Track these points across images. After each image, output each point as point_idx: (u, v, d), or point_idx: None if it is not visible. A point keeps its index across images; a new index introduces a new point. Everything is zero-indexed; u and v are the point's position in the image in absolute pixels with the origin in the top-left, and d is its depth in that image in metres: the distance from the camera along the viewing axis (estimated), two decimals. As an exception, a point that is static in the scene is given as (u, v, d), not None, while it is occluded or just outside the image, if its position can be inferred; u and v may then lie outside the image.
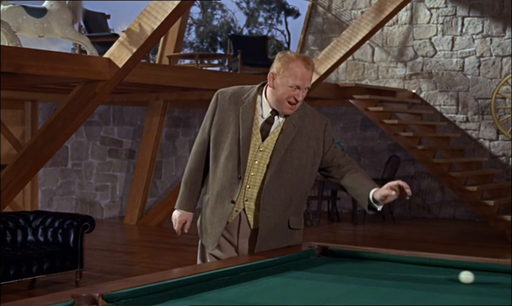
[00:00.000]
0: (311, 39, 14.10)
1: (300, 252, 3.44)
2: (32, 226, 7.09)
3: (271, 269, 3.12)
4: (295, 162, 3.35)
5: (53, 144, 8.12)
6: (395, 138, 11.28)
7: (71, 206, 11.94)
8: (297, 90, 3.27)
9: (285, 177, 3.34)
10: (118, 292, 2.50)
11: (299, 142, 3.36)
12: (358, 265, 3.29)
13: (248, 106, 3.37)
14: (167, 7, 7.00)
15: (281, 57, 3.34)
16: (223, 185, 3.37)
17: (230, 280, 2.87)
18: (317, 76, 10.29)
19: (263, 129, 3.36)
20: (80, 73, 7.31)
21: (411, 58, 12.96)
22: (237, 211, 3.38)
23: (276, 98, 3.32)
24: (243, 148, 3.32)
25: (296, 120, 3.37)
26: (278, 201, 3.35)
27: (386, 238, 10.76)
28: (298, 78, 3.26)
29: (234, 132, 3.34)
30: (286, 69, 3.27)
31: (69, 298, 2.40)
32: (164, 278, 2.71)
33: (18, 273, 6.40)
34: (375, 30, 10.21)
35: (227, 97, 3.41)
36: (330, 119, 3.69)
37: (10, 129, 11.18)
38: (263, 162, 3.34)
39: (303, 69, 3.27)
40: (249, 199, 3.36)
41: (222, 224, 3.38)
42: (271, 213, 3.36)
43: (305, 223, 11.61)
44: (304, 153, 3.37)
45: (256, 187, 3.35)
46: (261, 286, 2.83)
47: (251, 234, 3.41)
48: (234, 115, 3.36)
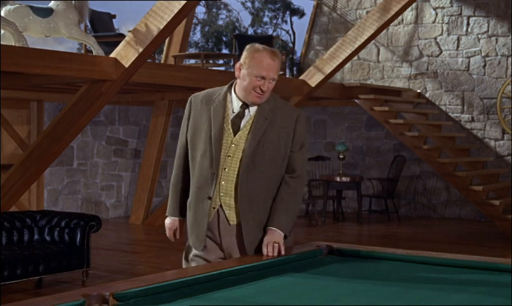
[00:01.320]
0: (316, 38, 14.10)
1: (308, 252, 3.44)
2: (39, 226, 7.11)
3: (278, 269, 3.13)
4: (267, 154, 3.36)
5: (59, 144, 8.13)
6: (401, 137, 11.28)
7: (77, 205, 11.96)
8: (262, 81, 3.30)
9: (259, 170, 3.36)
10: (128, 291, 2.52)
11: (271, 134, 3.37)
12: (365, 264, 3.29)
13: (218, 104, 3.41)
14: (174, 7, 7.02)
15: (248, 48, 3.39)
16: (201, 183, 3.41)
17: (238, 280, 2.88)
18: (322, 75, 10.31)
19: (234, 123, 3.40)
20: (86, 73, 7.33)
21: (416, 58, 12.96)
22: (215, 208, 3.39)
23: (242, 88, 3.35)
24: (215, 144, 3.36)
25: (267, 113, 3.39)
26: (254, 194, 3.36)
27: (392, 238, 10.76)
28: (263, 69, 3.29)
29: (207, 130, 3.40)
30: (252, 59, 3.32)
31: (79, 297, 2.41)
32: (173, 278, 2.73)
33: (25, 273, 6.42)
34: (380, 30, 10.22)
35: (199, 99, 3.48)
36: (335, 119, 3.71)
37: (16, 129, 11.21)
38: (237, 156, 3.37)
39: (268, 60, 3.30)
40: (225, 194, 3.38)
41: (204, 223, 3.40)
42: (249, 206, 3.36)
43: (311, 223, 11.72)
44: (275, 145, 3.38)
45: (231, 181, 3.37)
46: (269, 285, 2.84)
47: (237, 232, 3.40)
48: (207, 114, 3.42)
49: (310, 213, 12.00)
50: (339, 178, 11.81)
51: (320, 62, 10.58)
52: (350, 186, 12.00)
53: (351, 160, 13.40)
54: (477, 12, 12.43)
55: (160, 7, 7.16)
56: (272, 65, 3.31)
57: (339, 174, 11.94)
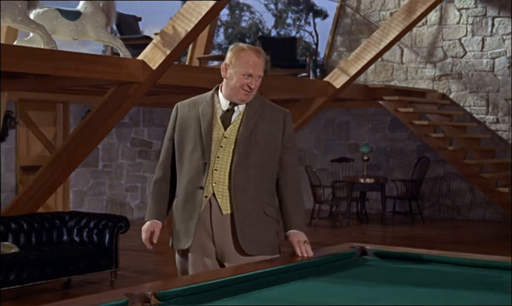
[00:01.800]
0: (339, 40, 14.10)
1: (343, 253, 3.46)
2: (68, 226, 7.18)
3: (314, 270, 3.15)
4: (260, 145, 3.40)
5: (87, 146, 8.20)
6: (425, 139, 11.25)
7: (102, 206, 12.05)
8: (250, 78, 3.35)
9: (252, 159, 3.38)
10: (171, 290, 2.55)
11: (262, 127, 3.42)
12: (400, 266, 3.30)
13: (206, 104, 3.46)
14: (201, 10, 7.05)
15: (233, 48, 3.45)
16: (191, 176, 3.40)
17: (276, 280, 2.91)
18: (347, 77, 10.31)
19: (224, 119, 3.43)
20: (114, 75, 7.39)
21: (441, 59, 12.91)
22: (207, 197, 3.37)
23: (230, 88, 3.40)
24: (206, 137, 3.38)
25: (256, 108, 3.44)
26: (248, 183, 3.37)
27: (416, 239, 10.73)
28: (250, 67, 3.34)
29: (196, 128, 3.42)
30: (238, 58, 3.37)
31: (123, 296, 2.45)
32: (213, 278, 2.76)
33: (55, 273, 6.48)
34: (405, 31, 10.20)
35: (185, 104, 3.52)
36: (359, 120, 3.73)
37: (42, 130, 11.32)
38: (229, 146, 3.39)
39: (254, 58, 3.36)
40: (218, 183, 3.37)
41: (195, 215, 3.36)
42: (243, 196, 3.36)
43: (335, 224, 11.71)
44: (267, 137, 3.42)
45: (224, 169, 3.38)
46: (308, 286, 2.86)
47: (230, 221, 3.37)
48: (194, 115, 3.45)
49: (334, 215, 11.99)
50: (363, 179, 11.80)
51: (345, 64, 10.58)
52: (374, 187, 11.98)
53: (375, 161, 13.38)
54: (502, 13, 12.37)
55: (188, 9, 7.20)
56: (258, 63, 3.37)
57: (363, 176, 11.93)
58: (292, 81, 10.60)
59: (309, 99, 10.65)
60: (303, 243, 3.41)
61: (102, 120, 7.91)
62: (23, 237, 6.80)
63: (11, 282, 6.12)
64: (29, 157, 11.13)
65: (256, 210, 3.39)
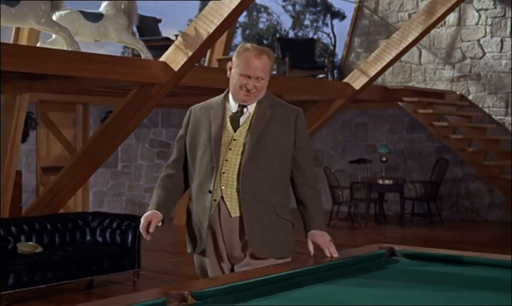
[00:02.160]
0: (357, 41, 14.10)
1: (372, 254, 3.47)
2: (91, 227, 7.23)
3: (344, 271, 3.16)
4: (270, 146, 3.34)
5: (108, 147, 8.27)
6: (445, 140, 11.23)
7: (121, 207, 12.11)
8: (248, 80, 3.30)
9: (262, 161, 3.33)
10: (207, 290, 2.58)
11: (272, 128, 3.37)
12: (430, 267, 3.31)
13: (217, 107, 3.42)
14: (223, 11, 7.09)
15: (238, 48, 3.40)
16: (201, 181, 3.37)
17: (308, 280, 2.93)
18: (367, 78, 10.31)
19: (233, 121, 3.39)
20: (136, 77, 7.44)
21: (459, 60, 12.88)
22: (216, 200, 3.33)
23: (232, 88, 3.37)
24: (215, 141, 3.35)
25: (267, 108, 3.40)
26: (257, 186, 3.32)
27: (435, 241, 10.70)
28: (248, 68, 3.30)
29: (207, 131, 3.39)
30: (239, 58, 3.33)
31: (161, 296, 2.48)
32: (249, 277, 2.78)
33: (80, 273, 6.53)
34: (425, 32, 10.19)
35: (198, 108, 3.49)
36: (376, 121, 3.71)
37: (62, 132, 11.40)
38: (238, 149, 3.34)
39: (253, 59, 3.30)
40: (226, 186, 3.33)
41: (205, 219, 3.34)
42: (252, 198, 3.31)
43: (353, 225, 11.71)
44: (277, 139, 3.37)
45: (232, 172, 3.33)
46: (338, 287, 2.88)
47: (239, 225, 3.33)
48: (206, 119, 3.42)
49: (352, 216, 11.99)
50: (381, 180, 11.79)
51: (364, 65, 10.59)
52: (393, 189, 11.96)
53: (393, 163, 13.36)
54: (521, 14, 12.33)
55: (210, 11, 7.24)
56: (257, 64, 3.30)
57: (381, 177, 11.92)
58: (311, 83, 10.62)
59: (328, 100, 10.67)
60: (329, 242, 3.40)
61: (123, 122, 7.96)
62: (46, 237, 6.86)
63: (36, 281, 6.17)
64: (49, 158, 11.22)
65: (267, 212, 3.34)
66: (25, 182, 10.53)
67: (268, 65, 3.35)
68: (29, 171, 10.77)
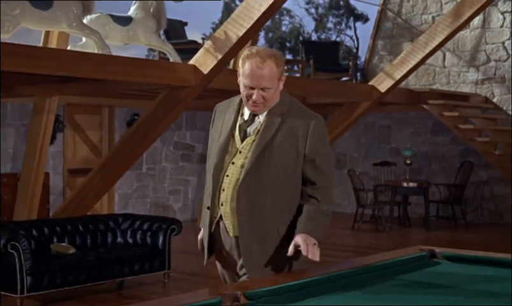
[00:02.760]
0: (380, 44, 14.09)
1: (413, 256, 3.50)
2: (121, 228, 7.30)
3: (388, 272, 3.19)
4: (274, 162, 3.05)
5: (137, 150, 8.34)
6: (471, 143, 11.20)
7: (146, 209, 12.19)
8: (252, 91, 3.03)
9: (262, 178, 3.04)
10: (259, 290, 2.62)
11: (279, 140, 3.06)
12: (472, 269, 3.32)
13: (232, 110, 3.18)
14: (253, 15, 7.13)
15: (242, 54, 3.10)
16: (208, 193, 3.19)
17: (355, 281, 2.95)
18: (392, 81, 10.32)
19: (241, 129, 3.13)
20: (166, 80, 7.50)
21: (484, 63, 12.84)
22: (215, 218, 3.14)
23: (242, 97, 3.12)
24: (219, 152, 3.13)
25: (277, 117, 3.10)
26: (257, 204, 3.05)
27: (460, 244, 10.66)
28: (250, 78, 3.01)
29: (218, 139, 3.17)
30: (242, 67, 3.06)
31: (215, 296, 2.52)
32: (299, 278, 2.82)
33: (112, 274, 6.60)
34: (452, 35, 10.18)
35: (220, 107, 3.29)
36: (400, 124, 3.59)
37: (88, 134, 11.49)
38: (240, 163, 3.09)
39: (255, 69, 2.99)
40: (225, 203, 3.10)
41: (206, 234, 3.19)
42: (248, 218, 3.05)
43: (377, 228, 11.71)
44: (284, 152, 3.06)
45: (231, 189, 3.08)
46: (387, 288, 2.91)
47: (232, 243, 3.14)
48: (221, 123, 3.20)
49: (376, 218, 11.99)
50: (406, 183, 11.79)
51: (390, 68, 10.59)
52: (417, 191, 11.95)
53: (416, 165, 13.34)
54: (546, 16, 12.28)
55: (240, 14, 7.28)
56: (261, 74, 3.00)
57: (406, 180, 11.92)
58: (337, 86, 10.65)
59: (353, 103, 10.68)
60: (312, 244, 3.01)
61: (152, 125, 8.02)
62: (78, 238, 6.93)
63: (69, 282, 6.25)
64: (75, 160, 11.31)
65: (269, 234, 3.08)
66: (52, 184, 10.63)
67: (275, 71, 3.03)
68: (56, 173, 10.87)
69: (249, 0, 7.19)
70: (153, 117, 8.04)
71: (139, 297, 6.98)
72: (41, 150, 8.91)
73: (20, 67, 6.67)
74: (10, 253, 5.88)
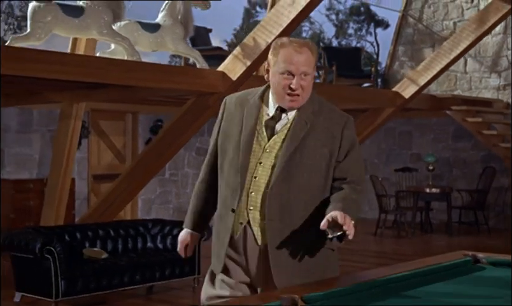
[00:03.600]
0: (401, 50, 14.11)
1: (459, 261, 3.52)
2: (151, 234, 7.35)
3: (436, 277, 3.21)
4: (306, 163, 2.88)
5: (164, 156, 8.39)
6: (494, 148, 11.19)
7: (169, 214, 12.25)
8: (291, 77, 2.85)
9: (295, 181, 2.87)
10: (316, 294, 2.65)
11: (312, 141, 2.90)
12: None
13: (253, 104, 2.98)
14: (282, 21, 7.18)
15: (273, 45, 2.96)
16: (226, 195, 2.95)
17: (409, 285, 2.98)
18: (416, 87, 10.34)
19: (268, 126, 2.93)
20: (195, 86, 7.56)
21: (505, 69, 12.83)
22: (242, 224, 2.91)
23: (274, 92, 2.92)
24: (244, 149, 2.91)
25: (308, 116, 2.92)
26: (288, 209, 2.87)
27: (483, 250, 10.64)
28: (289, 62, 2.85)
29: (237, 134, 2.95)
30: (276, 55, 2.89)
31: (275, 299, 2.56)
32: (355, 281, 2.85)
33: (143, 278, 6.66)
34: (476, 41, 10.20)
35: (233, 100, 3.06)
36: (421, 130, 3.53)
37: (112, 140, 11.58)
38: (269, 163, 2.89)
39: (293, 52, 2.85)
40: (255, 208, 2.89)
41: (225, 240, 2.94)
42: (281, 225, 2.86)
43: (400, 234, 11.70)
44: (317, 153, 2.90)
45: (261, 192, 2.88)
46: (437, 291, 2.94)
47: (261, 253, 2.91)
48: (239, 116, 2.98)
49: (399, 224, 11.98)
50: (428, 189, 11.79)
51: (414, 74, 10.62)
52: (439, 197, 11.95)
53: (438, 171, 13.33)
54: None
55: (269, 21, 7.33)
56: (300, 57, 2.85)
57: (428, 186, 11.91)
58: (361, 92, 10.68)
59: (377, 109, 10.71)
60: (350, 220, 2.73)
61: (180, 131, 8.08)
62: (110, 243, 6.99)
63: (102, 286, 6.30)
64: (100, 166, 11.40)
65: (301, 242, 2.89)
66: (77, 189, 10.71)
67: (312, 58, 2.89)
68: (81, 178, 10.96)
69: (279, 7, 7.25)
70: (180, 124, 8.10)
71: (168, 302, 7.04)
72: (68, 156, 9.00)
73: (50, 74, 6.74)
74: (45, 258, 5.95)
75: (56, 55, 6.82)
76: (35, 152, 10.32)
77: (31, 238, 6.05)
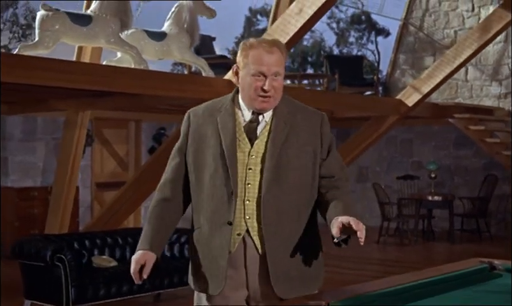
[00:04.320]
0: (402, 58, 14.17)
1: (475, 268, 3.55)
2: (159, 241, 7.35)
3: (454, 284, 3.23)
4: (293, 162, 2.82)
5: (170, 164, 8.38)
6: (497, 156, 11.24)
7: (171, 222, 12.24)
8: (263, 78, 2.77)
9: (285, 183, 2.81)
10: (343, 300, 2.68)
11: (294, 139, 2.84)
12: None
13: (225, 113, 2.87)
14: (289, 30, 7.20)
15: (241, 46, 2.86)
16: (215, 208, 2.80)
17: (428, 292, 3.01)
18: (420, 95, 10.38)
19: (249, 131, 2.85)
20: (202, 94, 7.55)
21: (506, 77, 12.89)
22: (240, 235, 2.80)
23: (245, 94, 2.83)
24: (229, 157, 2.80)
25: (286, 116, 2.87)
26: (283, 212, 2.80)
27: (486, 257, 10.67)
28: (260, 64, 2.77)
29: (215, 145, 2.83)
30: (246, 56, 2.80)
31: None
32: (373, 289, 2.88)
33: (152, 286, 6.66)
34: (480, 49, 10.26)
35: (199, 112, 2.93)
36: (422, 138, 3.54)
37: (115, 148, 11.59)
38: (258, 168, 2.81)
39: (264, 53, 2.78)
40: (251, 216, 2.80)
41: (224, 255, 2.79)
42: (278, 228, 2.80)
43: (402, 241, 11.73)
44: (301, 152, 2.84)
45: (255, 199, 2.80)
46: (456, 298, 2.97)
47: (260, 262, 2.82)
48: (212, 127, 2.86)
49: (401, 232, 12.01)
50: (430, 197, 11.82)
51: (417, 82, 10.66)
52: (441, 205, 11.98)
53: (439, 179, 13.35)
54: None
55: (276, 30, 7.36)
56: (270, 58, 2.77)
57: (430, 193, 11.95)
58: (364, 100, 10.73)
59: (380, 117, 10.74)
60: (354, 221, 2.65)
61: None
62: (118, 251, 7.00)
63: (112, 294, 6.31)
64: (103, 174, 11.42)
65: (294, 244, 2.83)
66: (80, 197, 10.73)
67: (282, 58, 2.82)
68: (85, 186, 10.97)
69: (286, 16, 7.28)
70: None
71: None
72: (73, 164, 9.00)
73: (58, 82, 6.76)
74: (56, 265, 5.96)
75: (64, 64, 6.85)
76: (39, 159, 10.34)
77: (41, 246, 6.06)
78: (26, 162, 10.18)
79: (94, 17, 7.39)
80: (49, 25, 7.09)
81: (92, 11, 7.48)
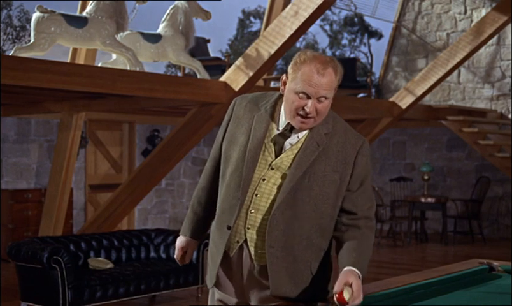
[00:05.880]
0: (394, 60, 14.22)
1: (475, 269, 3.58)
2: (154, 243, 7.37)
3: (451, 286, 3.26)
4: (314, 189, 2.63)
5: (165, 166, 8.41)
6: (490, 158, 11.30)
7: (165, 224, 12.26)
8: (307, 100, 2.58)
9: (300, 207, 2.63)
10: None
11: (322, 165, 2.64)
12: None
13: (264, 113, 2.72)
14: (285, 32, 7.24)
15: (295, 57, 2.65)
16: (224, 208, 2.73)
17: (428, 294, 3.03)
18: (413, 97, 10.43)
19: (277, 142, 2.69)
20: (198, 96, 7.60)
21: (498, 79, 12.96)
22: (238, 242, 2.70)
23: (286, 108, 2.65)
24: (248, 162, 2.67)
25: (321, 138, 2.67)
26: (291, 237, 2.64)
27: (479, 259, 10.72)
28: (308, 84, 2.56)
29: (243, 143, 2.71)
30: (297, 71, 2.59)
31: None
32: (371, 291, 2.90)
33: (148, 288, 6.66)
34: (473, 52, 10.31)
35: (243, 103, 2.80)
36: (415, 140, 3.42)
37: (109, 150, 11.58)
38: (273, 182, 2.66)
39: (315, 73, 2.56)
40: (253, 227, 2.67)
41: (219, 255, 2.74)
42: (282, 253, 2.64)
43: (396, 243, 11.77)
44: (326, 179, 2.64)
45: (261, 212, 2.66)
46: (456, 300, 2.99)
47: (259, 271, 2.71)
48: (248, 123, 2.73)
49: (394, 233, 12.05)
50: (423, 198, 11.87)
51: (411, 84, 10.71)
52: (434, 207, 12.03)
53: (432, 181, 13.42)
54: (561, 33, 12.40)
55: (271, 32, 7.39)
56: (319, 81, 2.55)
57: (423, 195, 12.00)
58: (358, 102, 10.75)
59: (374, 119, 10.78)
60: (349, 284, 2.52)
61: (182, 141, 8.11)
62: (114, 253, 7.00)
63: (108, 296, 6.31)
64: (96, 176, 11.39)
65: (301, 270, 2.68)
66: (74, 199, 10.71)
67: (334, 81, 2.61)
68: (78, 188, 10.95)
69: (281, 18, 7.30)
70: (181, 134, 8.13)
71: (172, 312, 7.06)
72: (68, 166, 8.99)
73: (56, 84, 6.75)
74: (52, 267, 5.95)
75: (59, 66, 6.84)
76: (33, 161, 10.31)
77: (38, 248, 6.05)
78: (20, 164, 10.16)
79: (90, 19, 7.39)
80: (45, 27, 7.09)
81: (87, 13, 7.48)
